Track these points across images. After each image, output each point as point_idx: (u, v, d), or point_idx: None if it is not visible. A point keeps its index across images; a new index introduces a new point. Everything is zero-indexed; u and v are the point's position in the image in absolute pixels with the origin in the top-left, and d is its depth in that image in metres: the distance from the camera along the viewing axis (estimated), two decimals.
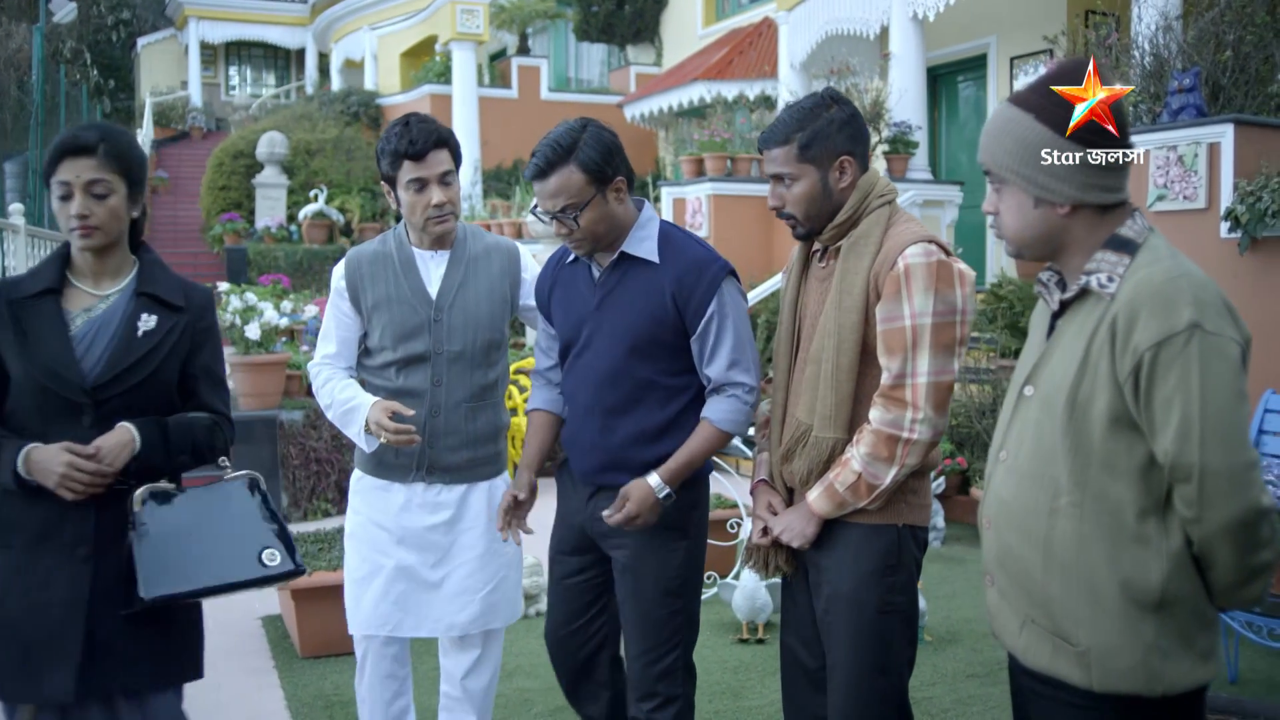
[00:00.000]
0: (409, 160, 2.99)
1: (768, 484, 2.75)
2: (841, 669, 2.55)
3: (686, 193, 11.28)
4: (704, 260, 2.75)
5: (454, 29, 16.13)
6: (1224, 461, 1.73)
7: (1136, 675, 1.82)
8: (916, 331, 2.43)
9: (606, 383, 2.78)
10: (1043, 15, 11.45)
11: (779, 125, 2.55)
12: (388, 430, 2.92)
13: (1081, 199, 1.88)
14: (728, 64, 15.17)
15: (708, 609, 5.29)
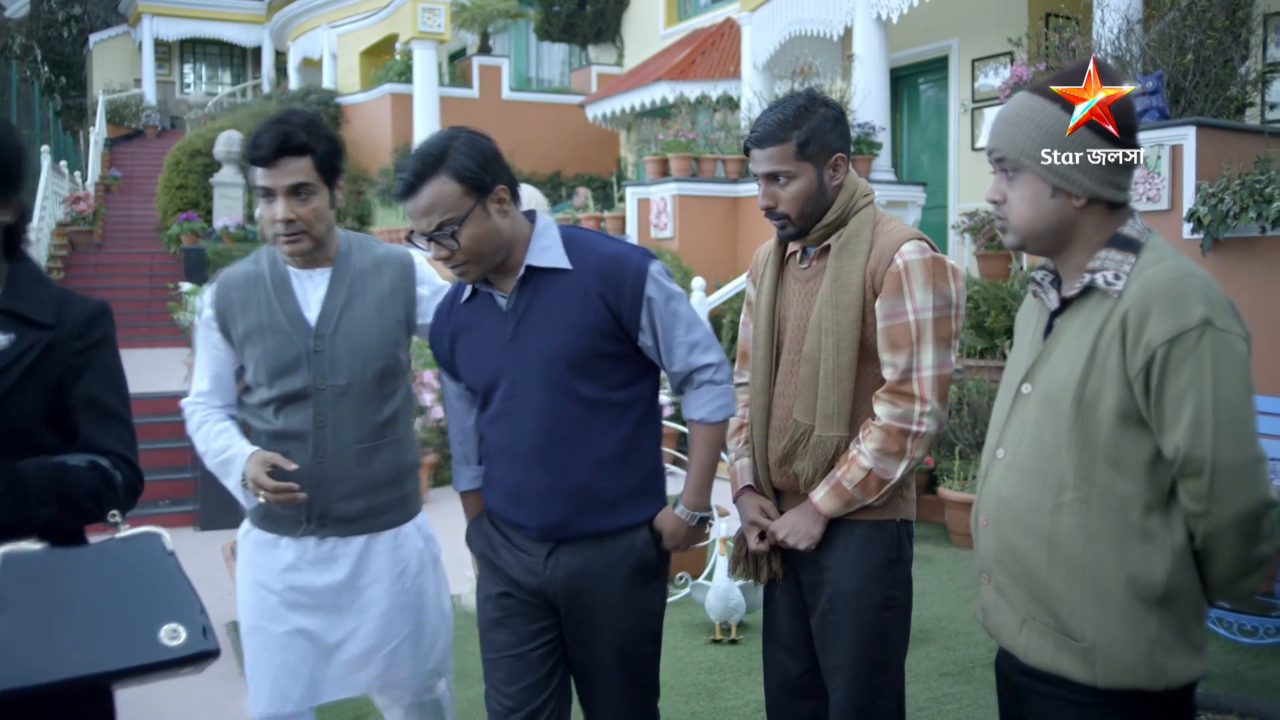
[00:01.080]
0: (257, 166, 2.62)
1: (754, 490, 2.73)
2: (845, 668, 2.55)
3: (651, 193, 11.28)
4: (621, 253, 2.47)
5: (415, 28, 16.03)
6: (1235, 456, 1.76)
7: (1141, 670, 1.83)
8: (919, 326, 2.46)
9: (547, 416, 2.43)
10: (1004, 18, 11.55)
11: (774, 123, 2.52)
12: (265, 489, 2.56)
13: (1098, 193, 1.89)
14: (690, 64, 15.18)
15: (680, 610, 5.30)
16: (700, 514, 2.53)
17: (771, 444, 2.65)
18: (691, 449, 2.54)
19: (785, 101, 2.57)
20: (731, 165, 11.22)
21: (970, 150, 12.17)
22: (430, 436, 7.94)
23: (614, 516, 2.48)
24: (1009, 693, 2.09)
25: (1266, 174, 5.60)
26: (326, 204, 2.69)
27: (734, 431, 2.81)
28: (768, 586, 2.80)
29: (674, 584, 5.59)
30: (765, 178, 2.56)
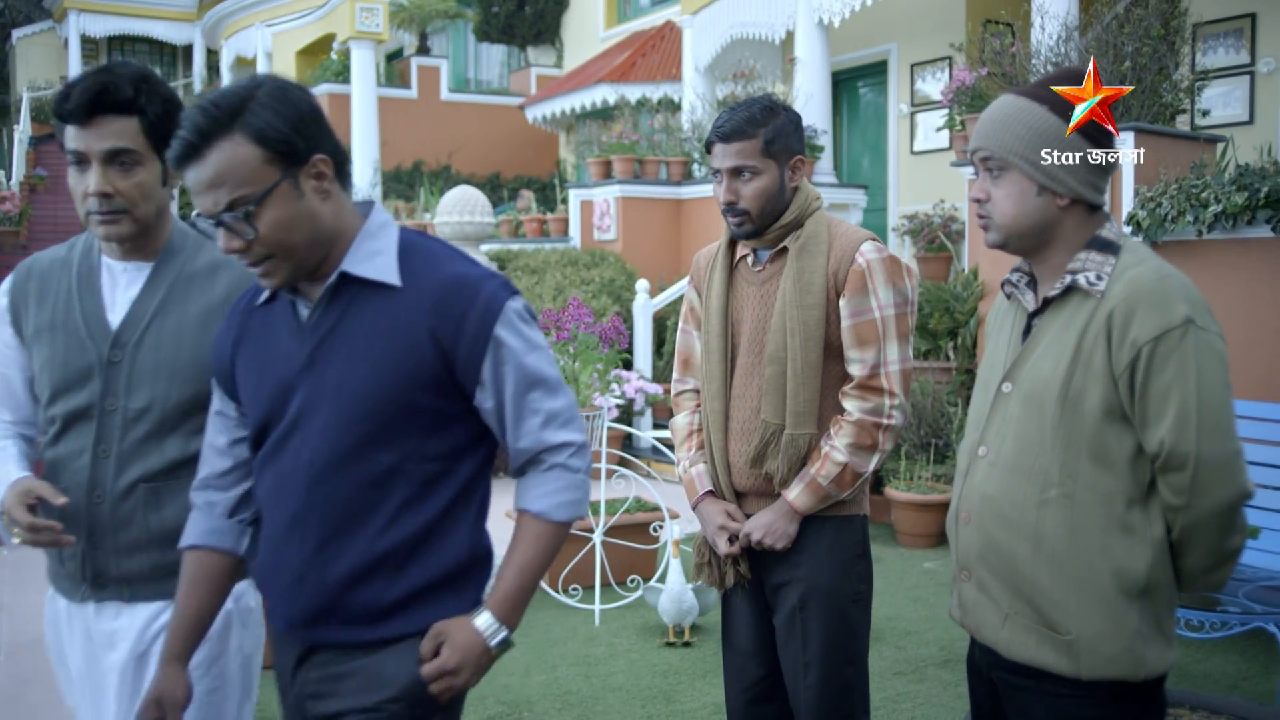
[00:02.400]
0: (67, 123, 2.09)
1: (715, 495, 2.73)
2: (818, 665, 2.57)
3: (594, 195, 11.26)
4: (473, 278, 1.85)
5: (353, 27, 15.84)
6: (1218, 449, 1.81)
7: (1123, 661, 1.88)
8: (884, 323, 2.53)
9: (324, 477, 1.83)
10: (942, 24, 11.71)
11: (742, 119, 2.56)
12: (20, 525, 2.04)
13: (1081, 194, 1.94)
14: (631, 66, 15.18)
15: (632, 613, 5.29)
16: (504, 634, 1.86)
17: (734, 446, 2.66)
18: (513, 545, 1.90)
19: (750, 102, 2.61)
20: (675, 167, 11.24)
21: (909, 154, 12.32)
22: None
23: (383, 625, 1.84)
24: (983, 690, 2.12)
25: (1202, 179, 5.73)
26: (156, 180, 2.14)
27: (684, 439, 2.82)
28: (726, 592, 2.79)
29: (625, 587, 5.58)
30: (729, 173, 2.57)
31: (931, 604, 5.40)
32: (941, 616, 5.19)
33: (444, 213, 10.11)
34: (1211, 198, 5.53)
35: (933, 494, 6.54)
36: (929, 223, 10.27)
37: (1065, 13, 7.49)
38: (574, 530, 5.46)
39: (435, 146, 17.82)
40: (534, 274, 9.98)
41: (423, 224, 12.89)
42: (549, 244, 11.38)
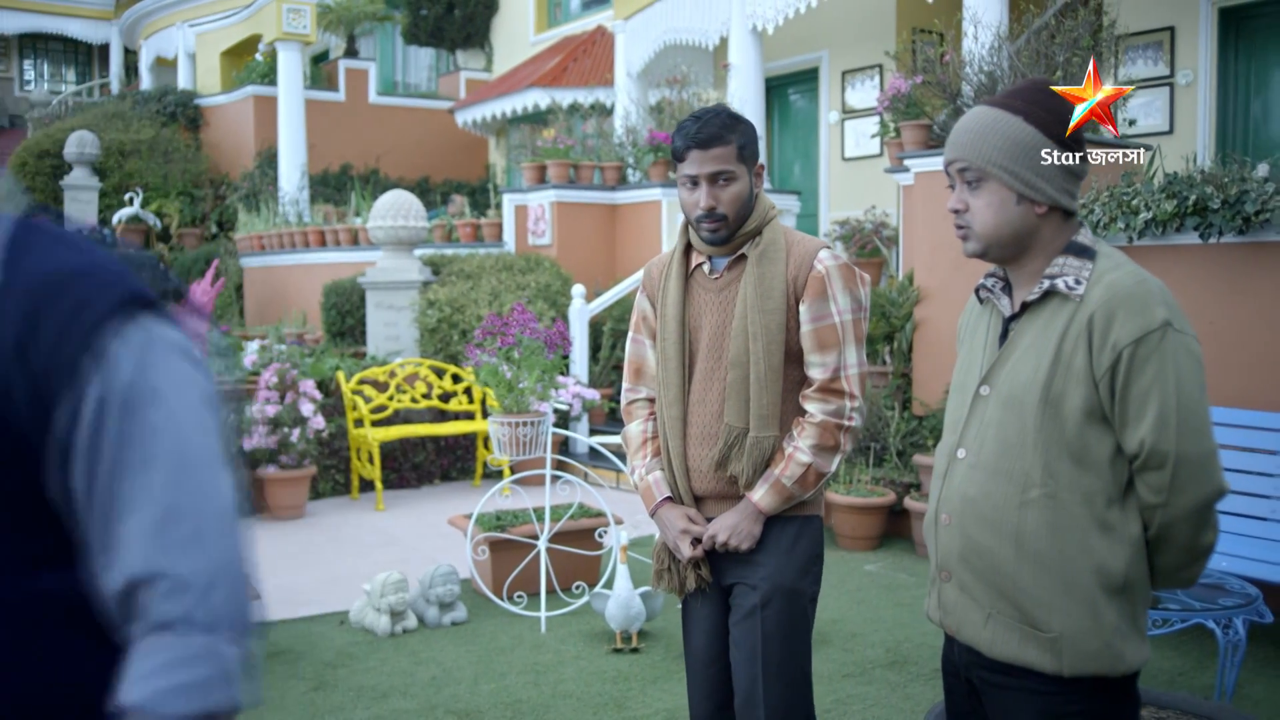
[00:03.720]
0: None
1: (673, 500, 2.75)
2: (777, 664, 2.59)
3: (529, 200, 11.20)
4: (87, 269, 1.21)
5: (279, 28, 15.58)
6: (1196, 448, 1.85)
7: (1103, 657, 1.91)
8: (843, 327, 2.60)
9: None
10: (873, 32, 11.86)
11: (719, 125, 2.58)
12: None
13: (1058, 200, 1.98)
14: (562, 71, 15.15)
15: (578, 620, 5.26)
16: None
17: (695, 451, 2.69)
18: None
19: (716, 110, 2.64)
20: (609, 173, 11.23)
21: (840, 160, 12.46)
22: (309, 448, 7.72)
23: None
24: (960, 690, 2.14)
25: (1132, 186, 5.86)
26: None
27: (638, 447, 2.83)
28: (685, 600, 2.80)
29: (570, 593, 5.56)
30: (708, 179, 2.58)
31: (875, 606, 5.45)
32: (885, 618, 5.24)
33: (377, 217, 9.99)
34: (1142, 205, 5.66)
35: (872, 497, 6.60)
36: (860, 228, 10.39)
37: (998, 22, 7.63)
38: (518, 537, 5.46)
39: (363, 150, 17.61)
40: (469, 279, 9.89)
41: (354, 228, 12.71)
42: (483, 249, 11.29)
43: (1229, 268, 5.45)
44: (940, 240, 7.21)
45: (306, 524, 7.49)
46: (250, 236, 14.53)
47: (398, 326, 9.86)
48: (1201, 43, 9.42)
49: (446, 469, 9.02)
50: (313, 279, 12.78)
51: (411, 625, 5.16)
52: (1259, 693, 4.28)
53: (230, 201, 16.49)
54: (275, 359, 7.97)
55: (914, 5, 11.05)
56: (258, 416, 7.49)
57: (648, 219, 10.80)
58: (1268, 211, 5.18)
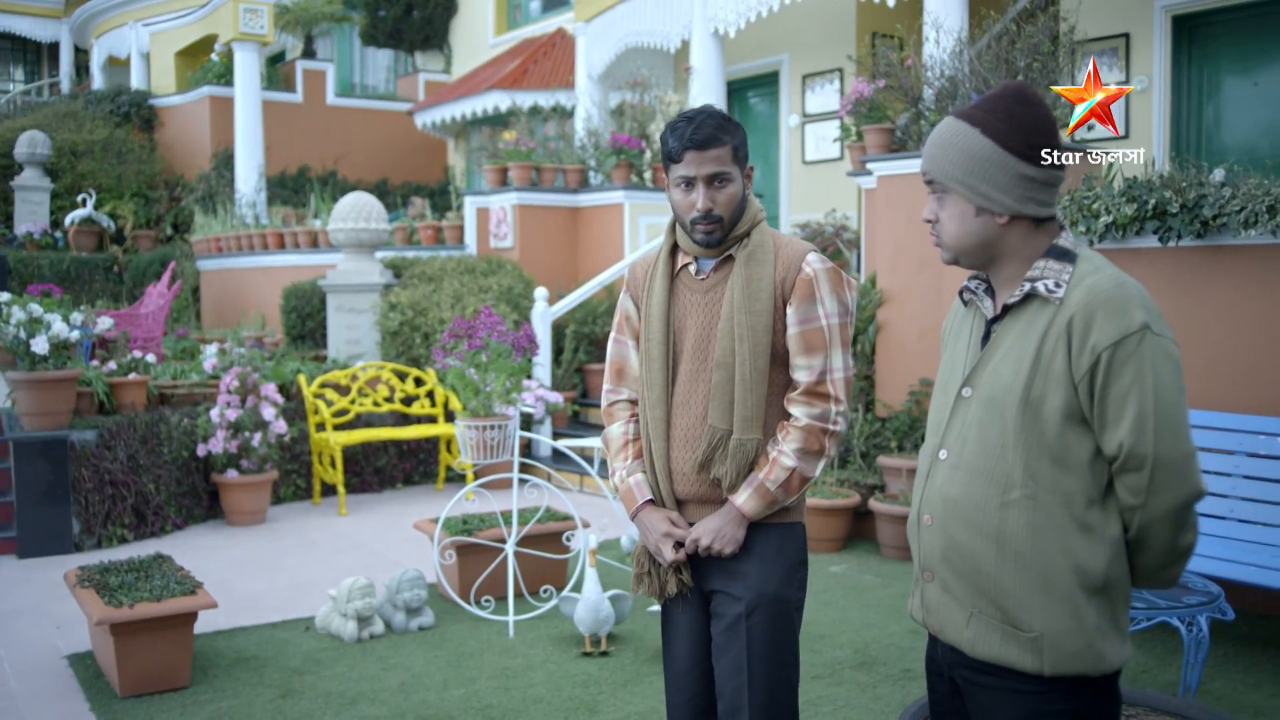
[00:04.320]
0: None
1: (654, 503, 2.71)
2: (762, 671, 2.56)
3: (490, 202, 11.16)
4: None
5: (236, 29, 15.41)
6: (1174, 450, 1.88)
7: (1084, 657, 1.93)
8: (830, 331, 2.57)
9: None
10: (833, 36, 11.93)
11: (715, 126, 2.55)
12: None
13: (1019, 210, 1.99)
14: (523, 73, 15.11)
15: (546, 624, 5.25)
16: None
17: (678, 453, 2.65)
18: None
19: (708, 111, 2.61)
20: (571, 175, 11.21)
21: (801, 163, 12.52)
22: (271, 452, 7.64)
23: None
24: (943, 689, 2.16)
25: (1093, 190, 5.94)
26: None
27: (619, 449, 2.79)
28: (665, 604, 2.76)
29: (538, 597, 5.54)
30: (705, 180, 2.56)
31: (842, 607, 5.48)
32: (853, 620, 5.26)
33: (338, 219, 9.91)
34: (1102, 209, 5.73)
35: (837, 499, 6.64)
36: (821, 231, 10.44)
37: (959, 27, 7.70)
38: (485, 541, 5.44)
39: (321, 151, 17.44)
40: (431, 282, 9.84)
41: (313, 230, 12.60)
42: (445, 251, 11.23)
43: (1187, 270, 5.54)
44: (902, 243, 7.27)
45: (268, 529, 7.41)
46: (207, 239, 14.36)
47: (359, 329, 9.79)
48: (1156, 49, 9.56)
49: (409, 473, 8.96)
50: (271, 282, 12.65)
51: (378, 631, 5.12)
52: (1220, 688, 4.35)
53: (186, 203, 16.28)
54: (236, 362, 7.88)
55: (874, 10, 11.13)
56: (218, 421, 7.40)
57: (610, 222, 10.80)
58: (1224, 216, 5.27)
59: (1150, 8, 9.59)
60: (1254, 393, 5.30)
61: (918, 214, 7.24)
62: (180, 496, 7.42)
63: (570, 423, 9.79)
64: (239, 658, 4.85)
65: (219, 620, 5.25)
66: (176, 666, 4.47)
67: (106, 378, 7.37)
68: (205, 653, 4.86)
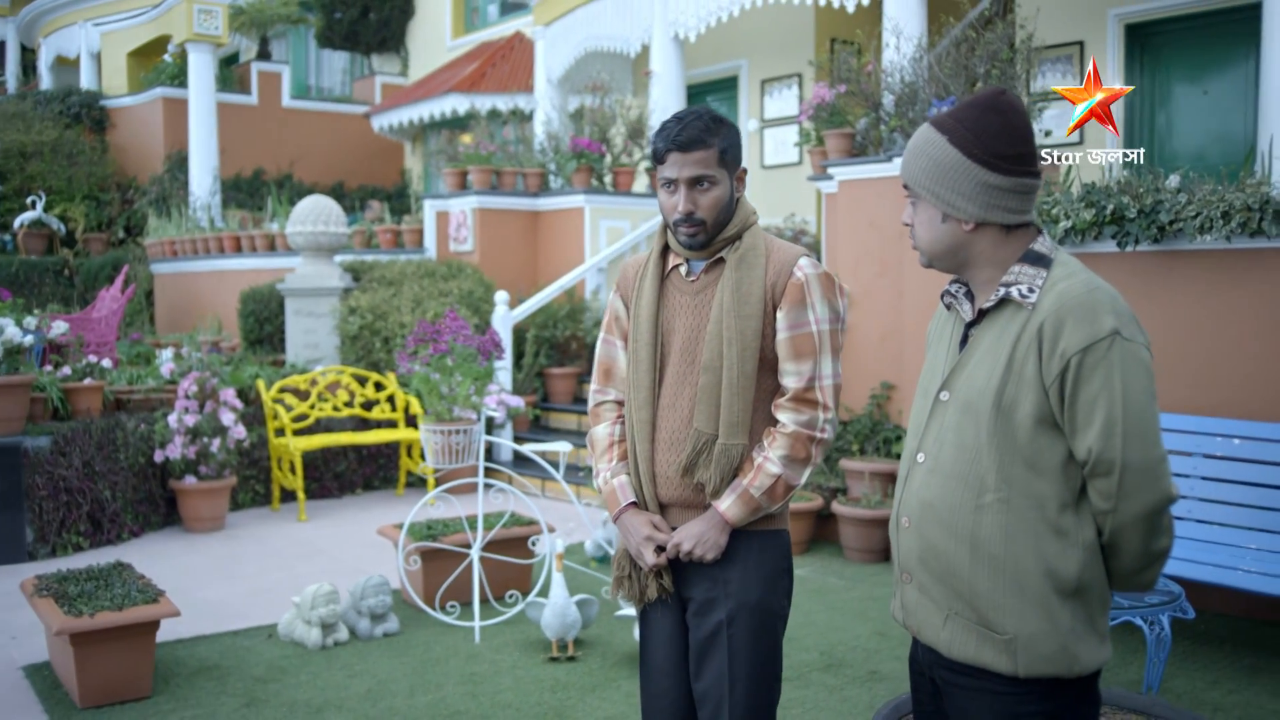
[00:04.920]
0: None
1: (637, 506, 2.68)
2: (744, 681, 2.53)
3: (450, 206, 11.10)
4: None
5: (190, 29, 15.23)
6: (1142, 456, 1.89)
7: (1058, 659, 1.95)
8: (820, 337, 2.54)
9: None
10: (792, 41, 12.00)
11: (700, 128, 2.52)
12: None
13: (985, 218, 2.01)
14: (481, 77, 15.06)
15: (512, 629, 5.23)
16: None
17: (663, 457, 2.62)
18: None
19: (698, 112, 2.58)
20: (531, 179, 11.18)
21: (760, 167, 12.57)
22: (230, 458, 7.55)
23: None
24: (925, 688, 2.18)
25: (1052, 196, 6.01)
26: None
27: (604, 450, 2.76)
28: (644, 610, 2.73)
29: (503, 603, 5.51)
30: (687, 183, 2.53)
31: (807, 610, 5.50)
32: (818, 622, 5.29)
33: (296, 222, 9.82)
34: (1061, 214, 5.81)
35: (799, 502, 6.67)
36: (780, 235, 10.50)
37: (919, 34, 7.77)
38: (450, 546, 5.41)
39: (276, 154, 17.28)
40: (391, 286, 9.77)
41: (271, 234, 12.48)
42: (404, 255, 11.16)
43: (1144, 275, 5.63)
44: (863, 247, 7.32)
45: (227, 536, 7.32)
46: (161, 242, 14.17)
47: (318, 334, 9.70)
48: (1109, 57, 9.70)
49: (369, 478, 8.89)
50: (228, 285, 12.50)
51: (343, 638, 5.07)
52: (1180, 686, 4.42)
53: (139, 206, 16.05)
54: (194, 367, 7.78)
55: (833, 16, 11.21)
56: (176, 426, 7.31)
57: (570, 226, 10.79)
58: (1181, 221, 5.36)
59: (1104, 16, 9.73)
60: (1210, 394, 5.39)
61: (879, 218, 7.30)
62: (137, 503, 7.32)
63: (531, 427, 9.76)
64: (201, 666, 4.78)
65: (179, 628, 5.18)
66: (138, 676, 4.40)
67: (61, 383, 7.25)
68: (166, 662, 4.80)
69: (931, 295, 6.88)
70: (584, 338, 10.20)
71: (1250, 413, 5.27)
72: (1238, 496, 4.89)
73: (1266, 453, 4.92)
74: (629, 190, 11.06)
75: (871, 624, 5.28)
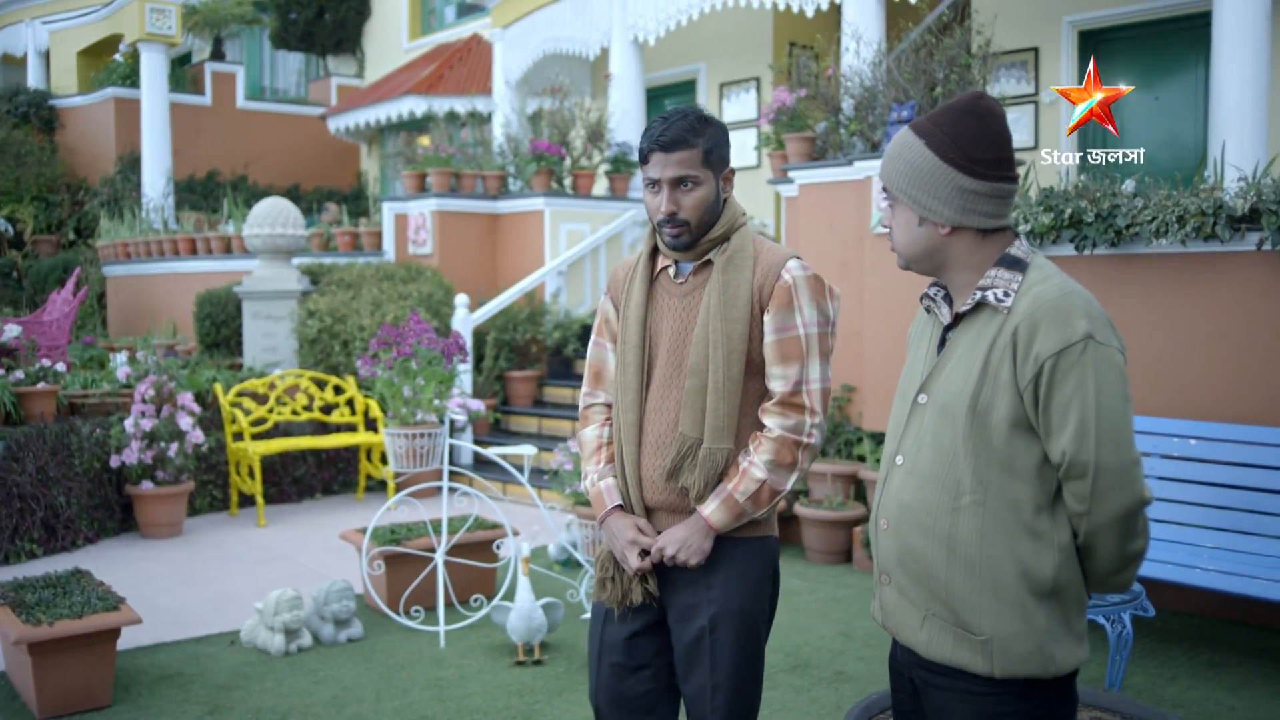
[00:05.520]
0: None
1: (623, 509, 2.66)
2: (726, 687, 2.52)
3: (409, 208, 11.04)
4: None
5: (143, 29, 15.03)
6: (1116, 459, 1.91)
7: (1034, 659, 1.97)
8: (808, 340, 2.51)
9: None
10: (750, 45, 12.06)
11: (683, 128, 2.50)
12: None
13: (961, 221, 2.03)
14: (439, 79, 15.00)
15: (478, 633, 5.21)
16: None
17: (648, 460, 2.59)
18: None
19: (683, 111, 2.56)
20: (491, 181, 11.14)
21: None
22: (187, 463, 7.46)
23: None
24: (904, 689, 2.19)
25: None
26: None
27: (592, 452, 2.74)
28: (610, 609, 2.68)
29: (468, 607, 5.49)
30: (670, 183, 2.51)
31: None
32: (782, 623, 5.31)
33: (254, 225, 9.72)
34: (1020, 218, 5.88)
35: None
36: None
37: (878, 39, 7.84)
38: (415, 550, 5.38)
39: (231, 156, 17.10)
40: (349, 289, 9.70)
41: (227, 236, 12.34)
42: (362, 258, 11.08)
43: (1102, 278, 5.71)
44: (824, 250, 7.37)
45: (185, 542, 7.23)
46: (114, 244, 13.97)
47: (276, 337, 9.61)
48: (1063, 63, 9.84)
49: (328, 482, 8.81)
50: (183, 288, 12.35)
51: (306, 644, 5.03)
52: (1140, 683, 4.49)
53: (90, 208, 15.82)
54: (151, 370, 7.68)
55: (791, 21, 11.29)
56: (133, 431, 7.21)
57: (530, 229, 10.77)
58: (1137, 225, 5.44)
59: (1058, 23, 9.88)
60: (1165, 396, 5.49)
61: (839, 221, 7.35)
62: (92, 509, 7.21)
63: (491, 430, 9.73)
64: (162, 674, 4.72)
65: (139, 636, 5.11)
66: (98, 685, 4.34)
67: (13, 387, 7.13)
68: (127, 670, 4.73)
69: (891, 298, 6.94)
70: (544, 341, 10.18)
71: (1199, 413, 5.37)
72: (1194, 496, 4.98)
73: (1221, 452, 5.01)
74: (589, 193, 11.06)
75: (835, 625, 5.32)
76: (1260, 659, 4.80)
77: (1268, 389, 5.24)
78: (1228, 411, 5.33)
